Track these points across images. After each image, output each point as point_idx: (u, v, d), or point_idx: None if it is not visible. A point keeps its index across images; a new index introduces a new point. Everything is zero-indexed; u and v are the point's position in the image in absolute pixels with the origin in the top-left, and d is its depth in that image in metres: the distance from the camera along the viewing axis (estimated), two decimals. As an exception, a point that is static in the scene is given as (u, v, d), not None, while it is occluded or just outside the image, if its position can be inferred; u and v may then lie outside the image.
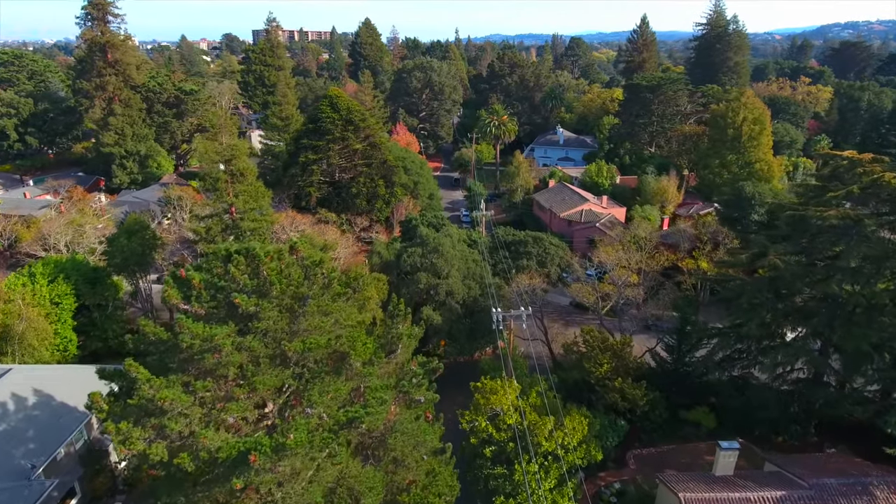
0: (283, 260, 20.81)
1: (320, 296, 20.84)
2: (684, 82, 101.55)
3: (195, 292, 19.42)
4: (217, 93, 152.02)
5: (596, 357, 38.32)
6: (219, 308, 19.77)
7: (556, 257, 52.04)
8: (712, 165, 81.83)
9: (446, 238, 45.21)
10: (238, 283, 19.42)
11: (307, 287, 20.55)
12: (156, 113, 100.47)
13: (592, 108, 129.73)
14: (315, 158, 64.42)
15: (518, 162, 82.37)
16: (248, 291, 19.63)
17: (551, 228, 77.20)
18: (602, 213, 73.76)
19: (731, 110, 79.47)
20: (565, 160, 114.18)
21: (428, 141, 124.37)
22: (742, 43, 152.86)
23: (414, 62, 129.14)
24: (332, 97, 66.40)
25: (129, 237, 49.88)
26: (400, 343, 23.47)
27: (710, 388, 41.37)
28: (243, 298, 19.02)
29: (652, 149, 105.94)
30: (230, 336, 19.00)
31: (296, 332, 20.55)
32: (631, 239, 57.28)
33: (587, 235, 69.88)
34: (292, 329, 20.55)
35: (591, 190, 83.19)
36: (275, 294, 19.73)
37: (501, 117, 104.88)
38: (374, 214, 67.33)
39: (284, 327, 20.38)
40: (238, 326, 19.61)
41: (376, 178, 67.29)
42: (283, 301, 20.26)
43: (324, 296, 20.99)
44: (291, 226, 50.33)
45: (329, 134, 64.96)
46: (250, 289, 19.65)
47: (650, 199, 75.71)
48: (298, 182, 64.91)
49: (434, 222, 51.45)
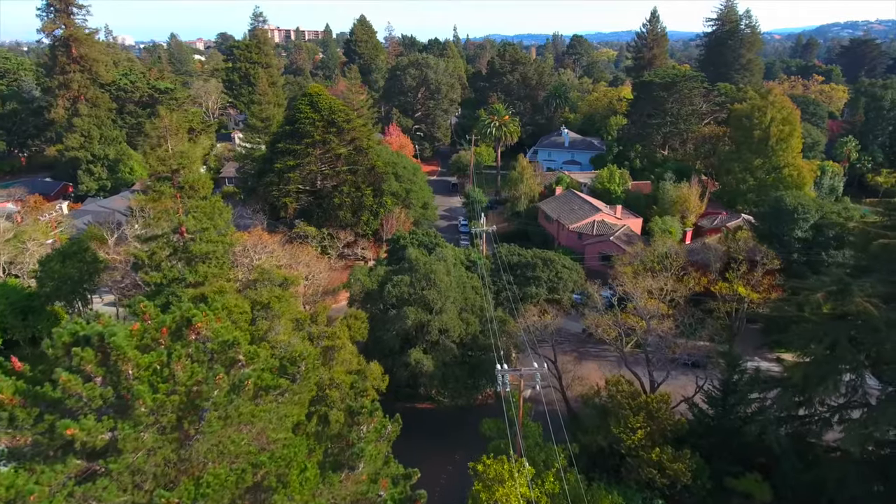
0: (164, 345, 13.01)
1: (227, 403, 13.05)
2: (701, 79, 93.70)
3: (7, 411, 11.60)
4: (203, 92, 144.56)
5: (626, 418, 30.57)
6: (52, 436, 11.95)
7: (570, 282, 44.26)
8: (735, 170, 74.14)
9: (440, 263, 37.41)
10: (79, 397, 11.62)
11: (208, 388, 12.77)
12: (128, 113, 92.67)
13: (599, 107, 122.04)
14: (292, 164, 56.63)
15: (522, 167, 74.62)
16: (97, 409, 11.84)
17: (559, 241, 69.42)
18: (616, 224, 66.02)
19: (757, 110, 71.80)
20: (571, 163, 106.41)
21: (424, 143, 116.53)
22: (755, 39, 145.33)
23: (408, 58, 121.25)
24: (311, 95, 58.59)
25: (64, 260, 42.11)
26: (362, 458, 15.63)
27: (762, 448, 33.61)
28: (83, 425, 11.23)
29: (665, 151, 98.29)
30: (63, 487, 11.21)
31: (187, 463, 12.77)
32: (654, 258, 49.53)
33: (600, 250, 62.14)
34: (181, 458, 12.76)
35: (601, 197, 75.46)
36: (143, 411, 11.93)
37: (503, 117, 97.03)
38: (360, 228, 59.54)
39: (169, 457, 12.60)
40: (82, 465, 11.82)
41: (363, 187, 59.51)
42: (165, 417, 12.48)
43: (234, 401, 13.20)
44: (257, 247, 42.48)
45: (308, 137, 57.16)
46: (101, 404, 11.86)
47: (668, 209, 67.91)
48: (273, 191, 57.11)
49: (426, 241, 43.68)
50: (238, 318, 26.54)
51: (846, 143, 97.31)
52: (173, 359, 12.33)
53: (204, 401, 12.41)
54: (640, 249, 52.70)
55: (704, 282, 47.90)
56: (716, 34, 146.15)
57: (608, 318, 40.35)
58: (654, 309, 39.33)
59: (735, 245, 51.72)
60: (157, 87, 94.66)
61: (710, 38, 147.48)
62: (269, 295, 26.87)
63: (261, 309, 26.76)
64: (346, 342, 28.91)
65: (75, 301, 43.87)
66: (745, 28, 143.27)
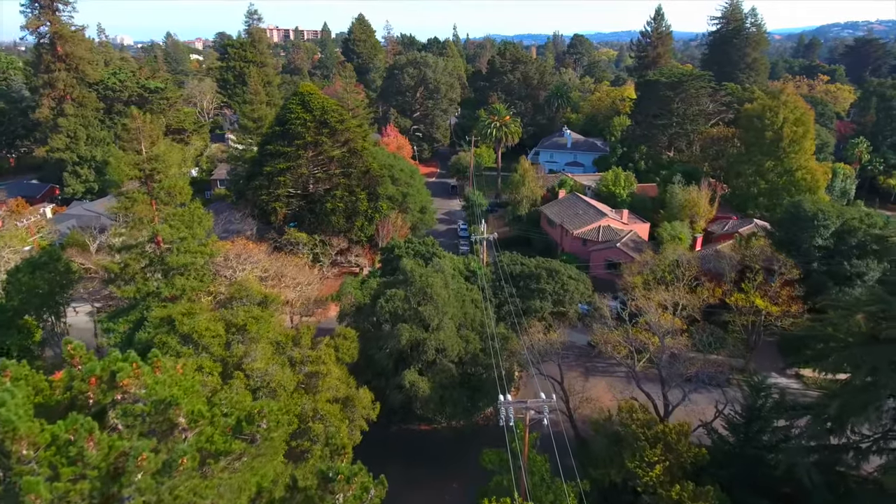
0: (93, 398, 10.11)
1: (157, 485, 10.15)
2: (708, 79, 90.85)
3: None
4: (198, 92, 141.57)
5: (642, 450, 27.68)
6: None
7: (577, 294, 41.39)
8: (745, 173, 71.32)
9: (437, 276, 34.53)
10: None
11: (130, 469, 9.88)
12: (117, 113, 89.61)
13: (601, 108, 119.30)
14: (282, 167, 53.74)
15: (523, 169, 71.72)
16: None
17: (563, 248, 66.57)
18: (622, 229, 63.17)
19: (769, 110, 68.95)
20: (574, 165, 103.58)
21: (422, 144, 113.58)
22: (761, 38, 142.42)
23: (406, 57, 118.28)
24: (303, 94, 55.72)
25: (34, 271, 39.22)
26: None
27: (787, 479, 30.75)
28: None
29: (671, 153, 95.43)
30: None
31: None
32: (665, 268, 46.67)
33: (606, 258, 59.29)
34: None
35: (606, 201, 72.61)
36: None
37: (503, 118, 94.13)
38: (354, 234, 56.65)
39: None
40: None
41: (357, 191, 56.63)
42: None
43: (167, 482, 10.30)
44: (241, 257, 39.53)
45: (299, 138, 54.28)
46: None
47: (677, 213, 64.99)
48: (263, 195, 54.23)
49: (422, 250, 40.76)
50: (210, 342, 23.65)
51: (857, 145, 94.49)
52: (81, 434, 9.43)
53: (125, 486, 9.58)
54: (650, 258, 49.85)
55: (719, 293, 45.04)
56: (720, 33, 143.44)
57: (618, 334, 37.50)
58: (669, 325, 36.47)
59: (750, 253, 48.90)
60: (148, 87, 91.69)
61: (714, 37, 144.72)
62: (245, 316, 23.98)
63: (236, 332, 23.85)
64: (333, 368, 26.00)
65: (46, 315, 40.94)
66: (751, 27, 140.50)
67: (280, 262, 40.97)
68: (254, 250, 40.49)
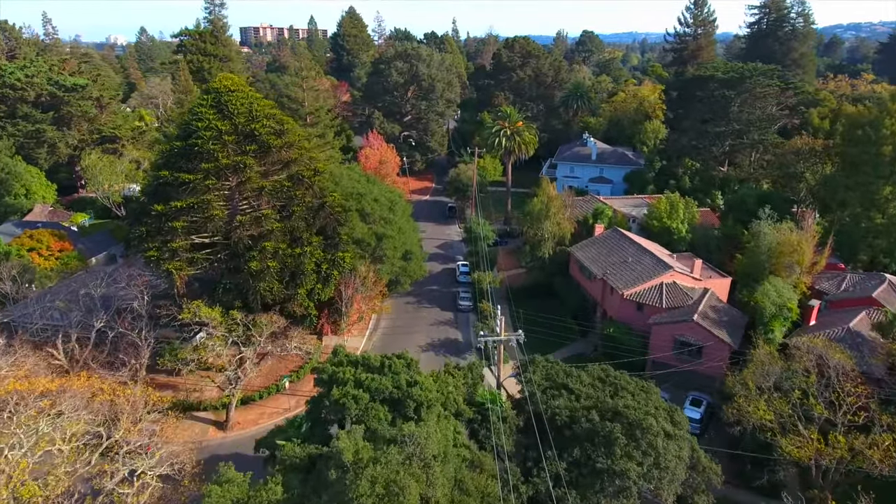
0: None
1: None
2: (777, 74, 71.43)
3: None
4: (160, 92, 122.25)
5: None
6: None
7: (678, 470, 21.74)
8: (850, 202, 51.94)
9: (408, 476, 14.98)
10: None
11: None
12: (21, 118, 70.21)
13: (626, 110, 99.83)
14: (179, 206, 34.25)
15: (547, 196, 52.03)
16: None
17: (604, 309, 47.18)
18: (694, 288, 43.75)
19: (888, 115, 49.62)
20: (599, 181, 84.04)
21: (414, 153, 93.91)
22: (809, 30, 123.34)
23: (395, 49, 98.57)
24: (218, 92, 36.16)
25: None
26: None
27: None
28: None
29: (724, 167, 76.07)
30: None
31: None
32: (803, 380, 27.35)
33: (676, 335, 39.84)
34: None
35: (657, 239, 53.25)
36: None
37: (514, 123, 74.53)
38: (297, 305, 37.19)
39: None
40: None
41: (304, 237, 37.22)
42: None
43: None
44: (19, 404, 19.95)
45: (211, 160, 34.82)
46: None
47: (765, 262, 45.29)
48: (150, 249, 34.72)
49: (385, 388, 21.22)
50: None
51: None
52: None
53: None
54: (770, 362, 30.31)
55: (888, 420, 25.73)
56: (760, 24, 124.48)
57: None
58: None
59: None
60: (63, 84, 72.10)
61: (754, 31, 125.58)
62: None
63: None
64: None
65: None
66: (797, 17, 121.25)
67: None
68: (43, 387, 20.70)
